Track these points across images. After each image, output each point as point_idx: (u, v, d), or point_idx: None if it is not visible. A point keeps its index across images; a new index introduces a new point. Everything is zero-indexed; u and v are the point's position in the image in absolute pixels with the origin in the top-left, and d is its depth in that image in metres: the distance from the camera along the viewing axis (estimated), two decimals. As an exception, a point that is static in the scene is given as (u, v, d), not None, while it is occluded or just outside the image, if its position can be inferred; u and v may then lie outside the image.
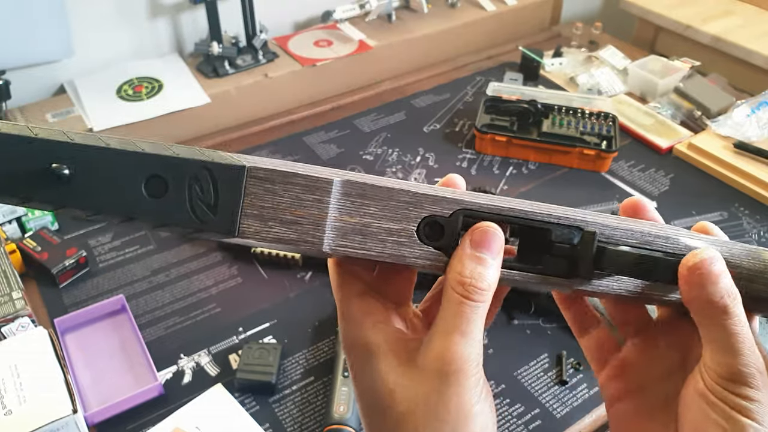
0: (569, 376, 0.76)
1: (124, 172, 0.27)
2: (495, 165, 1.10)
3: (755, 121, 1.12)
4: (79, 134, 0.27)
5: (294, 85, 1.22)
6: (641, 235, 0.31)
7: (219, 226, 0.28)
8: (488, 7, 1.41)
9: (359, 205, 0.29)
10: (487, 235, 0.29)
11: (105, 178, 0.27)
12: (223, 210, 0.28)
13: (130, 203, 0.27)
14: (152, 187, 0.27)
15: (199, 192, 0.28)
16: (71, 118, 1.06)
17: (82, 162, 0.27)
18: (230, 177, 0.28)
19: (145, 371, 0.76)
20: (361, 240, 0.30)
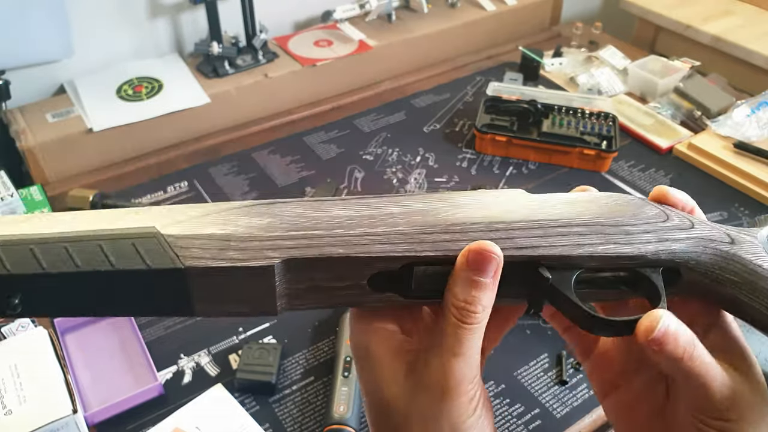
0: (569, 376, 0.76)
1: (67, 290, 0.28)
2: (495, 165, 1.10)
3: (755, 121, 1.12)
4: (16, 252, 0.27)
5: (294, 85, 1.22)
6: (601, 259, 0.30)
7: (177, 312, 0.29)
8: (488, 7, 1.41)
9: (306, 273, 0.29)
10: (483, 257, 0.29)
11: (53, 295, 0.28)
12: (176, 301, 0.29)
13: (87, 307, 0.29)
14: (103, 293, 0.28)
15: (148, 292, 0.29)
16: (71, 119, 1.06)
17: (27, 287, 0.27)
18: (171, 278, 0.28)
19: (145, 371, 0.76)
20: (314, 297, 0.30)
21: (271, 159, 1.11)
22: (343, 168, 1.08)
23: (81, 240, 0.28)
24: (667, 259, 0.31)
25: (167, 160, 1.10)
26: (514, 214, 0.31)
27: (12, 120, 1.05)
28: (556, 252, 0.30)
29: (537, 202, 0.32)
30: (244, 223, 0.29)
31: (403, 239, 0.30)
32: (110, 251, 0.28)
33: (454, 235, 0.30)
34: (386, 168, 1.09)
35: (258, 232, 0.29)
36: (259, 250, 0.29)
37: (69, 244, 0.27)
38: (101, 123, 1.05)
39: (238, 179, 1.06)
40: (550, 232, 0.30)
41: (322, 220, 0.30)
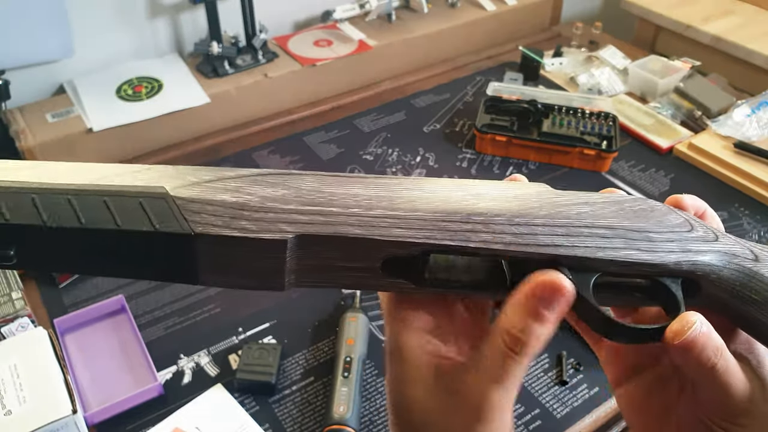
0: (569, 376, 0.76)
1: (67, 246, 0.27)
2: (495, 165, 1.09)
3: (755, 121, 1.12)
4: (15, 198, 0.26)
5: (294, 85, 1.22)
6: (622, 265, 0.30)
7: (180, 278, 0.28)
8: (488, 7, 1.41)
9: (318, 251, 0.28)
10: (554, 291, 0.27)
11: (50, 250, 0.27)
12: (182, 268, 0.28)
13: (85, 265, 0.28)
14: (104, 252, 0.27)
15: (151, 254, 0.27)
16: (71, 118, 1.06)
17: (24, 240, 0.26)
18: (178, 243, 0.27)
19: (145, 371, 0.76)
20: (323, 276, 0.29)
21: (271, 159, 1.11)
22: (343, 168, 1.08)
23: (86, 194, 0.26)
24: (689, 270, 0.30)
25: (167, 160, 1.10)
26: (537, 209, 0.30)
27: (12, 120, 1.05)
28: (578, 253, 0.29)
29: (562, 199, 0.31)
30: (257, 192, 0.28)
31: (422, 225, 0.28)
32: (116, 209, 0.26)
33: (475, 225, 0.29)
34: (386, 168, 1.09)
35: (272, 204, 0.28)
36: (273, 222, 0.27)
37: (73, 197, 0.26)
38: (101, 123, 1.05)
39: (238, 179, 1.06)
40: (572, 232, 0.29)
41: (338, 197, 0.29)
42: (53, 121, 1.05)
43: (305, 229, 0.27)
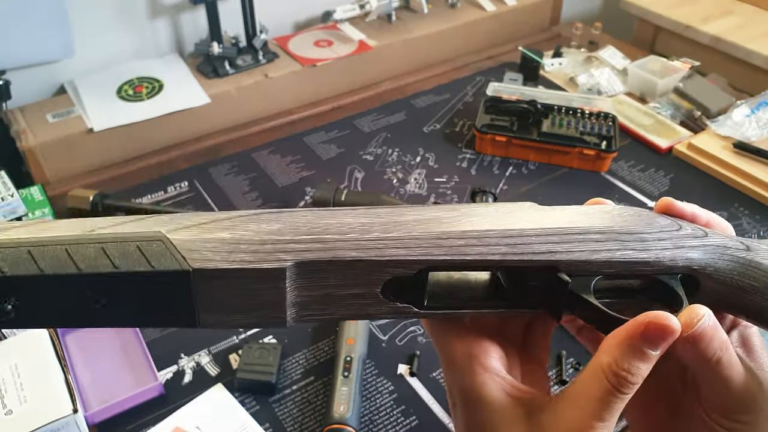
0: (569, 376, 0.76)
1: (66, 293, 0.26)
2: (495, 165, 1.10)
3: (755, 121, 1.12)
4: (12, 254, 0.25)
5: (294, 85, 1.22)
6: (620, 265, 0.30)
7: (180, 322, 0.28)
8: (488, 7, 1.41)
9: (318, 279, 0.28)
10: (663, 331, 0.27)
11: (50, 301, 0.26)
12: (180, 310, 0.27)
13: (82, 316, 0.28)
14: (103, 300, 0.27)
15: (149, 298, 0.27)
16: (71, 119, 1.06)
17: (22, 292, 0.26)
18: (177, 282, 0.27)
19: (146, 371, 0.76)
20: (325, 308, 0.29)
21: (271, 159, 1.11)
22: (343, 168, 1.08)
23: (81, 243, 0.26)
24: (684, 266, 0.31)
25: (167, 160, 1.10)
26: (528, 222, 0.31)
27: (12, 120, 1.05)
28: (574, 257, 0.30)
29: (550, 213, 0.32)
30: (253, 228, 0.28)
31: (418, 243, 0.29)
32: (113, 253, 0.26)
33: (469, 240, 0.29)
34: (386, 168, 1.09)
35: (269, 236, 0.28)
36: (271, 253, 0.27)
37: (69, 246, 0.26)
38: (101, 123, 1.05)
39: (238, 179, 1.06)
40: (566, 239, 0.30)
41: (334, 226, 0.29)
42: (54, 122, 1.05)
43: (303, 256, 0.28)
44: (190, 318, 0.28)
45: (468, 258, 0.29)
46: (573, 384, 0.29)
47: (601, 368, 0.28)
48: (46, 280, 0.25)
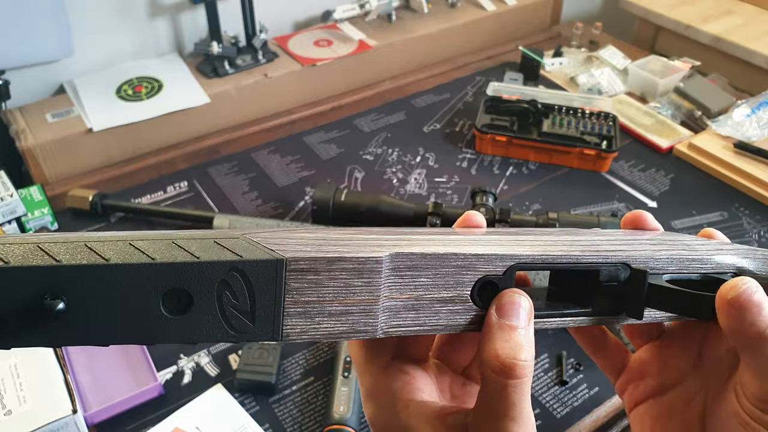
0: (569, 376, 0.76)
1: (133, 292, 0.21)
2: (495, 165, 1.09)
3: (755, 121, 1.12)
4: (65, 245, 0.21)
5: (294, 85, 1.22)
6: (679, 262, 0.31)
7: (259, 335, 0.24)
8: (488, 7, 1.41)
9: (410, 279, 0.26)
10: (513, 305, 0.27)
11: (110, 303, 0.21)
12: (262, 315, 0.23)
13: (148, 326, 0.22)
14: (173, 302, 0.22)
15: (231, 299, 0.23)
16: (71, 119, 1.06)
17: (79, 288, 0.21)
18: (266, 276, 0.23)
19: (145, 371, 0.76)
20: (414, 316, 0.27)
21: (271, 159, 1.11)
22: (343, 168, 1.08)
23: (150, 238, 0.22)
24: (731, 264, 0.32)
25: (167, 160, 1.10)
26: (585, 235, 0.32)
27: (12, 120, 1.05)
28: (641, 254, 0.30)
29: (589, 234, 0.33)
30: (330, 232, 0.26)
31: (500, 243, 0.29)
32: (189, 245, 0.22)
33: (547, 241, 0.30)
34: (386, 168, 1.09)
35: (352, 236, 0.26)
36: (362, 246, 0.25)
37: (132, 241, 0.22)
38: (101, 123, 1.05)
39: (238, 179, 1.06)
40: (628, 240, 0.32)
41: (408, 232, 0.28)
42: (53, 121, 1.05)
43: (396, 249, 0.26)
44: (271, 325, 0.24)
45: (551, 254, 0.29)
46: (478, 397, 0.28)
47: (486, 367, 0.27)
48: (109, 270, 0.21)
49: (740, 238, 0.95)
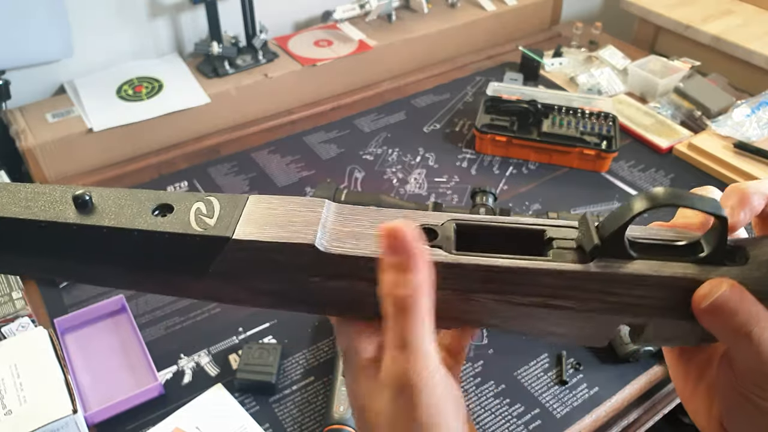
0: (569, 376, 0.76)
1: (137, 205, 0.30)
2: (495, 165, 1.10)
3: (755, 121, 1.12)
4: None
5: (294, 85, 1.22)
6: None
7: (218, 231, 0.29)
8: (488, 7, 1.41)
9: (350, 219, 0.30)
10: (396, 235, 0.28)
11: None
12: (222, 222, 0.29)
13: (140, 222, 0.29)
14: (160, 210, 0.30)
15: (202, 211, 0.30)
16: (71, 119, 1.06)
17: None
18: (232, 201, 0.30)
19: (145, 371, 0.76)
20: (354, 243, 0.29)
21: (271, 159, 1.11)
22: (343, 168, 1.08)
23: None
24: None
25: (167, 160, 1.10)
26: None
27: (12, 120, 1.05)
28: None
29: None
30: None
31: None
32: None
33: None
34: (386, 168, 1.09)
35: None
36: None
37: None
38: (101, 123, 1.05)
39: (238, 179, 1.06)
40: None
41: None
42: (53, 121, 1.05)
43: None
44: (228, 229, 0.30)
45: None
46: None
47: (382, 299, 0.28)
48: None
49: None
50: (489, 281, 0.29)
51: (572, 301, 0.29)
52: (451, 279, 0.29)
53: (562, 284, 0.29)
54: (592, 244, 0.28)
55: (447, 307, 0.30)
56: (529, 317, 0.30)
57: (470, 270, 0.29)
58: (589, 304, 0.29)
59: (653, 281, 0.28)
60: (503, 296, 0.29)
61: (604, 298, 0.29)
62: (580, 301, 0.29)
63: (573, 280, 0.29)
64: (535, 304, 0.29)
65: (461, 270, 0.29)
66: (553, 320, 0.30)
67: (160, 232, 0.29)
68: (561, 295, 0.29)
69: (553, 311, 0.29)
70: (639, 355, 0.76)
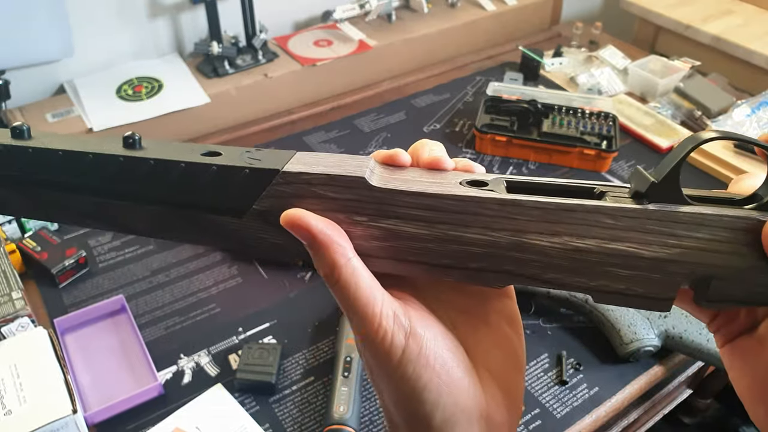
0: (569, 376, 0.76)
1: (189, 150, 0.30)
2: (495, 165, 1.09)
3: (755, 121, 1.12)
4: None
5: (294, 85, 1.22)
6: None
7: (269, 164, 0.30)
8: (488, 7, 1.41)
9: (395, 171, 0.31)
10: (294, 223, 0.28)
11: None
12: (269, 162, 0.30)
13: (191, 157, 0.30)
14: (208, 154, 0.30)
15: (251, 157, 0.30)
16: (71, 118, 1.06)
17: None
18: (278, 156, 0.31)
19: (145, 371, 0.76)
20: (402, 182, 0.29)
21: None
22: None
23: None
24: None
25: (167, 160, 1.10)
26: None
27: (12, 120, 1.05)
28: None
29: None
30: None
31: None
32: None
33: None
34: (386, 168, 1.08)
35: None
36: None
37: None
38: (101, 123, 1.05)
39: (238, 179, 1.06)
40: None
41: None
42: (53, 121, 1.05)
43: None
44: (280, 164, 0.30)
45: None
46: None
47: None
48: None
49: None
50: (546, 221, 0.28)
51: (632, 243, 0.28)
52: (504, 219, 0.28)
53: (620, 225, 0.28)
54: (648, 182, 0.28)
55: (496, 257, 0.29)
56: (589, 267, 0.28)
57: (528, 208, 0.28)
58: (651, 247, 0.28)
59: (714, 221, 0.27)
60: (560, 238, 0.28)
61: (666, 240, 0.28)
62: (640, 244, 0.28)
63: (632, 220, 0.27)
64: (593, 248, 0.28)
65: (517, 209, 0.28)
66: (613, 273, 0.28)
67: (208, 164, 0.29)
68: (620, 238, 0.28)
69: (614, 258, 0.28)
70: (639, 355, 0.76)
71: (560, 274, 0.28)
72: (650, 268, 0.28)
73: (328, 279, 0.28)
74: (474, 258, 0.29)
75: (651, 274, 0.28)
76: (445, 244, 0.28)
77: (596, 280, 0.28)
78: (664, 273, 0.28)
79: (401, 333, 0.28)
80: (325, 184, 0.29)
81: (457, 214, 0.28)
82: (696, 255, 0.28)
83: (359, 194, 0.28)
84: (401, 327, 0.28)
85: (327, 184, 0.29)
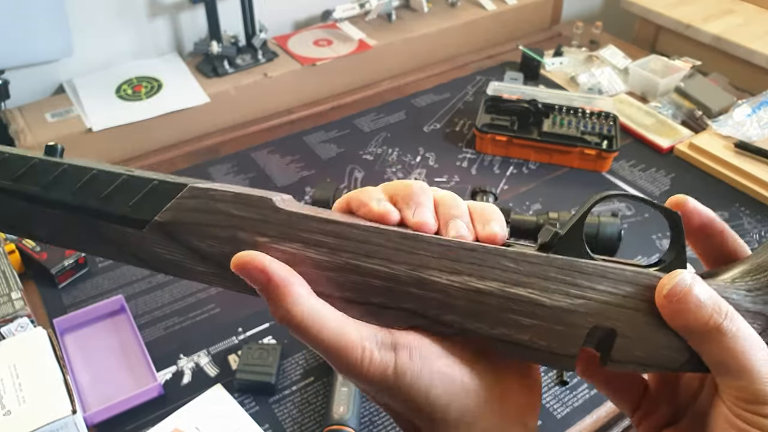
0: (570, 376, 0.76)
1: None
2: (495, 165, 1.09)
3: (756, 121, 1.11)
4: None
5: (294, 84, 1.21)
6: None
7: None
8: (488, 7, 1.41)
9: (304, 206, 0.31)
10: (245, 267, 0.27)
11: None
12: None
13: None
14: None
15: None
16: (70, 118, 1.06)
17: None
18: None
19: (145, 371, 0.76)
20: (310, 209, 0.30)
21: (270, 159, 1.11)
22: (343, 168, 1.08)
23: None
24: None
25: (166, 160, 1.10)
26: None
27: (11, 120, 1.05)
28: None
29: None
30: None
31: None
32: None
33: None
34: (386, 168, 1.08)
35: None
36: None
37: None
38: (100, 123, 1.05)
39: (238, 179, 1.06)
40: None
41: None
42: (53, 121, 1.05)
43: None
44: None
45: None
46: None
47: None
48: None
49: (741, 238, 0.95)
50: (446, 258, 0.28)
51: (533, 289, 0.28)
52: (404, 252, 0.28)
53: (522, 269, 0.28)
54: (552, 232, 0.28)
55: (396, 292, 0.28)
56: (489, 312, 0.28)
57: (429, 243, 0.28)
58: (553, 296, 0.28)
59: (617, 275, 0.28)
60: (460, 277, 0.28)
61: (568, 289, 0.28)
62: (542, 291, 0.28)
63: (533, 266, 0.28)
64: (494, 291, 0.28)
65: (419, 243, 0.28)
66: (515, 321, 0.28)
67: (121, 173, 0.29)
68: (522, 282, 0.28)
69: (514, 303, 0.28)
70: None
71: (461, 317, 0.28)
72: (552, 318, 0.28)
73: (287, 324, 0.27)
74: (375, 292, 0.28)
75: (553, 325, 0.28)
76: (347, 274, 0.28)
77: (497, 327, 0.28)
78: (567, 325, 0.28)
79: (387, 350, 0.27)
80: (230, 201, 0.28)
81: (360, 243, 0.28)
82: (598, 308, 0.28)
83: (264, 214, 0.28)
84: (385, 345, 0.27)
85: (232, 202, 0.28)
